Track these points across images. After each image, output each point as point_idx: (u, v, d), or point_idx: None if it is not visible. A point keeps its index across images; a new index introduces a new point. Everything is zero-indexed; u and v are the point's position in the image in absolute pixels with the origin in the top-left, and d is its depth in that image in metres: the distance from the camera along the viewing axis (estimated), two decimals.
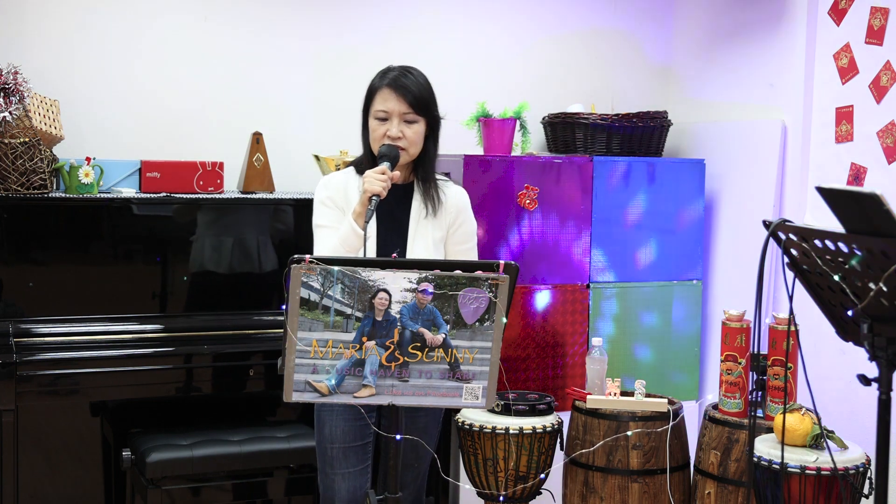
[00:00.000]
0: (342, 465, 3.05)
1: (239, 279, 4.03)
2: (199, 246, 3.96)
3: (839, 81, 4.02)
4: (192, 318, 3.91)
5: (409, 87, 3.00)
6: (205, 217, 3.97)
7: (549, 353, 4.19)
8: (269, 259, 4.07)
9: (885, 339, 2.34)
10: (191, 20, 4.23)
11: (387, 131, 2.98)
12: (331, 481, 3.07)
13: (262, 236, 4.05)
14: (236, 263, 4.02)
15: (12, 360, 3.51)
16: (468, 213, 3.15)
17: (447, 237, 3.09)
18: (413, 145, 3.01)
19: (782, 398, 3.44)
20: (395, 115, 2.99)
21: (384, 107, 2.99)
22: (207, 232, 3.97)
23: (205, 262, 3.97)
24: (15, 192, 3.68)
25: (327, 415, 3.05)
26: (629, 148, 4.37)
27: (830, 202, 2.37)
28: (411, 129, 3.00)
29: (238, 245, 4.02)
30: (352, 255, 2.88)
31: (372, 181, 2.86)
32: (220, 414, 3.96)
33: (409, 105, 2.99)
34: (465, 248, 3.14)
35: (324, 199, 3.05)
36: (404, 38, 4.52)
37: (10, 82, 3.63)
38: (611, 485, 3.63)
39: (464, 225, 3.13)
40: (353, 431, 3.04)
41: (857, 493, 3.18)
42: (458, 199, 3.14)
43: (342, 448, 3.04)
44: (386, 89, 3.01)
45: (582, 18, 4.84)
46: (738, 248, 4.42)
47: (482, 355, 2.48)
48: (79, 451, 3.80)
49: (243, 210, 4.02)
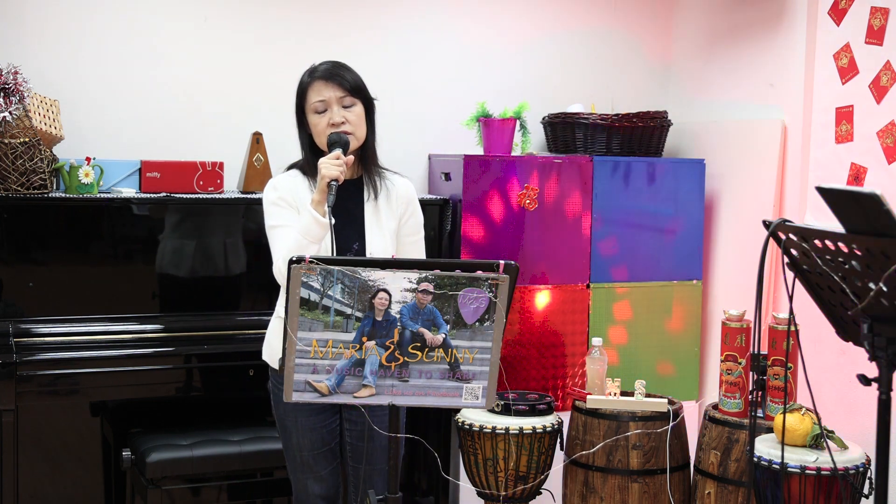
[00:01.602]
0: (313, 469, 3.09)
1: (238, 279, 4.03)
2: (198, 246, 3.96)
3: (839, 81, 4.02)
4: (191, 318, 3.91)
5: (340, 74, 3.02)
6: (205, 217, 3.97)
7: (549, 353, 4.19)
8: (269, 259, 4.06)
9: (885, 339, 2.34)
10: (191, 20, 4.23)
11: (329, 120, 2.99)
12: (303, 484, 3.11)
13: (262, 236, 4.05)
14: (236, 263, 4.02)
15: (12, 360, 3.51)
16: (416, 204, 3.15)
17: (399, 228, 3.09)
18: (357, 128, 3.01)
19: (782, 398, 3.44)
20: (334, 102, 2.99)
21: (321, 96, 3.00)
22: (207, 232, 3.97)
23: (205, 261, 3.97)
24: (15, 192, 3.68)
25: (291, 425, 3.07)
26: (629, 148, 4.37)
27: (830, 202, 2.37)
28: (352, 112, 3.00)
29: (238, 245, 4.02)
30: (315, 247, 2.86)
31: (328, 166, 2.85)
32: (220, 414, 3.96)
33: (344, 89, 3.00)
34: (415, 240, 3.13)
35: (275, 200, 3.03)
36: (404, 38, 4.52)
37: (10, 82, 3.63)
38: (611, 485, 3.63)
39: (413, 216, 3.13)
40: (320, 438, 3.07)
41: (857, 493, 3.18)
42: (407, 190, 3.13)
43: (311, 454, 3.08)
44: (318, 81, 3.02)
45: (582, 18, 4.83)
46: (738, 248, 4.42)
47: (482, 355, 2.48)
48: (79, 451, 3.80)
49: (243, 210, 4.02)
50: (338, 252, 2.93)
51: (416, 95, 4.52)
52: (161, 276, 3.92)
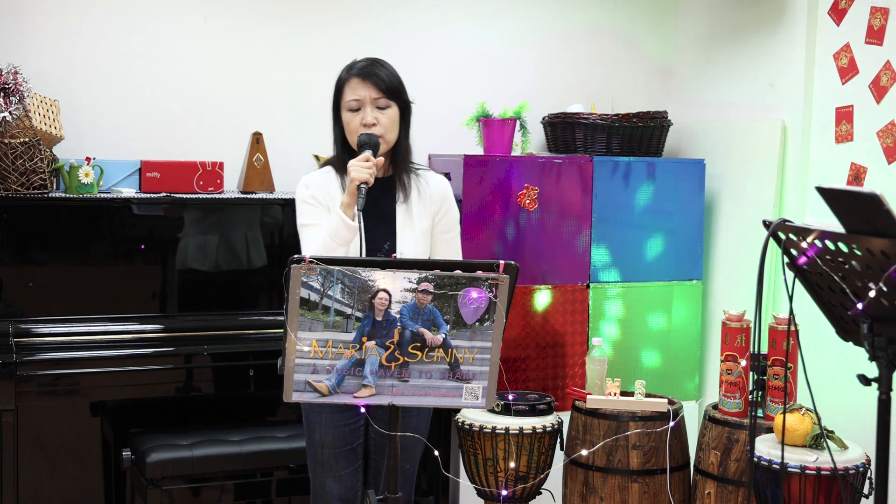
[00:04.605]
0: (333, 468, 3.06)
1: (238, 279, 4.03)
2: (199, 246, 3.96)
3: (839, 81, 4.02)
4: (192, 319, 3.91)
5: (378, 74, 3.01)
6: (205, 217, 3.97)
7: (549, 353, 4.19)
8: (269, 259, 4.06)
9: (885, 339, 2.34)
10: (191, 20, 4.23)
11: (362, 119, 2.98)
12: (321, 482, 3.08)
13: (262, 236, 4.05)
14: (236, 263, 4.02)
15: (12, 360, 3.51)
16: (452, 201, 3.14)
17: (433, 226, 3.08)
18: (389, 131, 3.00)
19: (782, 398, 3.44)
20: (368, 102, 2.99)
21: (355, 95, 2.99)
22: (207, 232, 3.97)
23: (205, 262, 3.97)
24: (15, 192, 3.68)
25: (316, 420, 3.06)
26: (629, 148, 4.36)
27: (830, 202, 2.37)
28: (385, 114, 3.00)
29: (238, 245, 4.02)
30: (343, 249, 2.87)
31: (358, 169, 2.85)
32: (220, 414, 3.96)
33: (379, 90, 2.99)
34: (450, 237, 3.12)
35: (306, 198, 3.02)
36: (404, 37, 4.52)
37: (10, 82, 3.63)
38: (611, 485, 3.63)
39: (448, 213, 3.11)
40: (342, 436, 3.05)
41: (857, 493, 3.18)
42: (441, 186, 3.12)
43: (333, 452, 3.06)
44: (354, 79, 3.01)
45: (582, 18, 4.84)
46: (738, 248, 4.42)
47: (482, 355, 2.48)
48: (79, 451, 3.80)
49: (243, 210, 4.02)
50: (368, 252, 2.93)
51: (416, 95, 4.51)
52: (161, 276, 3.92)
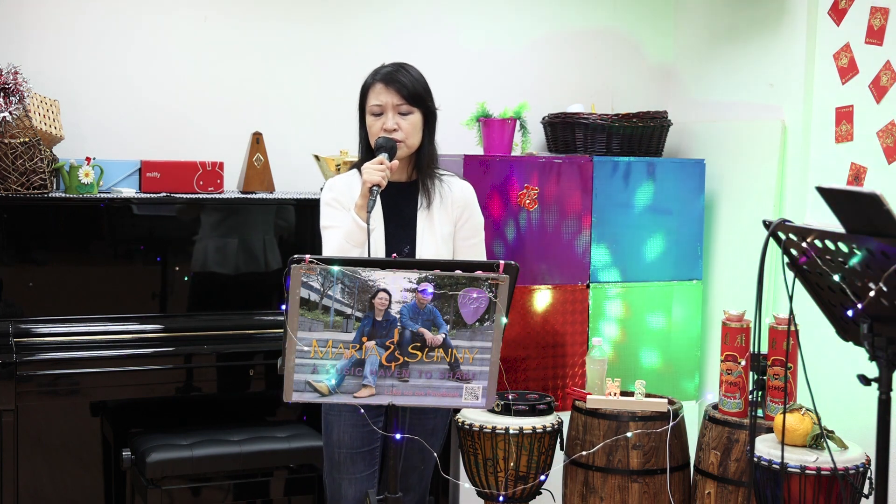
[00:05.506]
0: (349, 470, 3.04)
1: (238, 279, 4.03)
2: (199, 246, 3.97)
3: (839, 81, 4.02)
4: (191, 318, 3.91)
5: (402, 80, 3.02)
6: (205, 217, 3.97)
7: (549, 353, 4.19)
8: (269, 259, 4.07)
9: (885, 339, 2.34)
10: (191, 20, 4.23)
11: (383, 124, 3.00)
12: (337, 485, 3.07)
13: (261, 236, 4.06)
14: (236, 263, 4.02)
15: (12, 360, 3.51)
16: (475, 207, 3.15)
17: (455, 232, 3.09)
18: (410, 136, 3.01)
19: (782, 398, 3.44)
20: (390, 108, 3.00)
21: (378, 101, 3.01)
22: (207, 232, 3.97)
23: (205, 262, 3.97)
24: (15, 192, 3.68)
25: (335, 419, 3.05)
26: (629, 148, 4.36)
27: (830, 202, 2.37)
28: (406, 120, 3.01)
29: (237, 245, 4.02)
30: (357, 251, 2.89)
31: (371, 172, 2.87)
32: (221, 414, 3.96)
33: (402, 97, 3.00)
34: (473, 243, 3.13)
35: (329, 201, 3.05)
36: (404, 37, 4.52)
37: (10, 82, 3.63)
38: (611, 485, 3.63)
39: (471, 219, 3.12)
40: (360, 437, 3.03)
41: (857, 493, 3.18)
42: (465, 193, 3.13)
43: (349, 453, 3.04)
44: (379, 84, 3.03)
45: (582, 18, 4.83)
46: (738, 248, 4.42)
47: (482, 355, 2.48)
48: (79, 451, 3.80)
49: (243, 210, 4.02)
50: (387, 255, 2.95)
51: None
52: (161, 276, 3.92)
